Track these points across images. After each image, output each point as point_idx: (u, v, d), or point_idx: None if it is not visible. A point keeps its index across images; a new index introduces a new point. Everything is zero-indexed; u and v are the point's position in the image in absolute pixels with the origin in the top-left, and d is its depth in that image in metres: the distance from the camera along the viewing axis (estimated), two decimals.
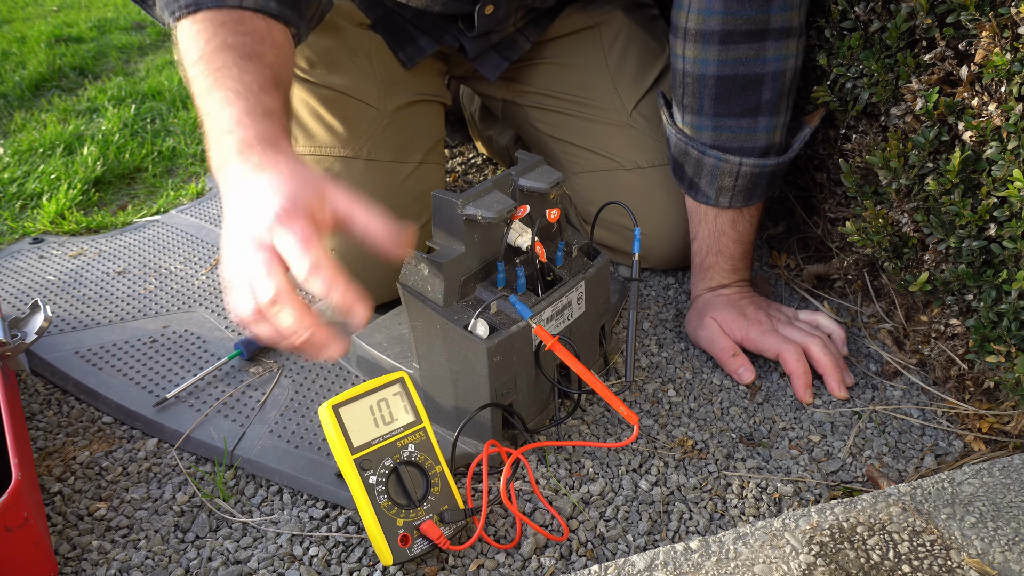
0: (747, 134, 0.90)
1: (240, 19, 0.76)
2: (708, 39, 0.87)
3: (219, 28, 0.75)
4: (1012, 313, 0.72)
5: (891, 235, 0.84)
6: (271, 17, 0.78)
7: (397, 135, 1.03)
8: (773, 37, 0.86)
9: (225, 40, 0.74)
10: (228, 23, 0.76)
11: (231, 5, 0.76)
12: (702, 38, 0.87)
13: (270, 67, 0.76)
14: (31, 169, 1.54)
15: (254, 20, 0.77)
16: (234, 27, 0.76)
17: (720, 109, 0.90)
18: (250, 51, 0.75)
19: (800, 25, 0.88)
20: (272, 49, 0.77)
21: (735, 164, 0.91)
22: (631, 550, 0.72)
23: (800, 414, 0.88)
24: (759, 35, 0.86)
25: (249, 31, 0.76)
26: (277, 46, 0.78)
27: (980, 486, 0.68)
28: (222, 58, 0.74)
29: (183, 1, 0.76)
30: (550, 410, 0.86)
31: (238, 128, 0.70)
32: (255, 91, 0.72)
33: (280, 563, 0.71)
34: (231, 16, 0.76)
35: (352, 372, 0.95)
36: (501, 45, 1.09)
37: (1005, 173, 0.68)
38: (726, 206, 0.94)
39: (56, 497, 0.78)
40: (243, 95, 0.72)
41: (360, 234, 0.66)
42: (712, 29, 0.86)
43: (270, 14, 0.78)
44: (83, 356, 0.96)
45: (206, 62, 0.74)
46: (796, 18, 0.87)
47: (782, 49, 0.87)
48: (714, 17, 0.85)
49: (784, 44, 0.87)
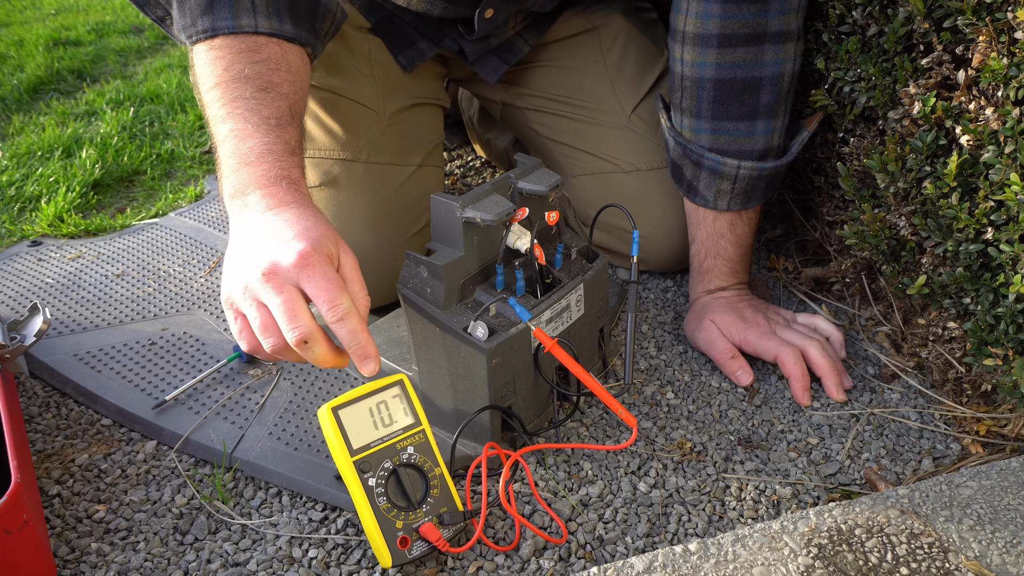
0: (745, 137, 0.91)
1: (256, 47, 0.77)
2: (706, 43, 0.87)
3: (236, 57, 0.76)
4: (1009, 316, 0.72)
5: (889, 238, 0.84)
6: (286, 40, 0.79)
7: (396, 138, 1.03)
8: (771, 41, 0.86)
9: (242, 71, 0.75)
10: (245, 52, 0.76)
11: (247, 31, 0.77)
12: (700, 42, 0.87)
13: (286, 98, 0.76)
14: (29, 172, 1.54)
15: (269, 47, 0.78)
16: (250, 56, 0.76)
17: (718, 112, 0.90)
18: (266, 82, 0.76)
19: (798, 29, 0.88)
20: (288, 76, 0.78)
21: (733, 167, 0.91)
22: (630, 552, 0.72)
23: (798, 417, 0.88)
24: (757, 39, 0.86)
25: (264, 59, 0.77)
26: (293, 71, 0.79)
27: (978, 489, 0.69)
28: (239, 89, 0.75)
29: (200, 26, 0.77)
30: (549, 412, 0.86)
31: (259, 163, 0.71)
32: (273, 125, 0.74)
33: (279, 565, 0.71)
34: (247, 44, 0.77)
35: (351, 374, 0.95)
36: (500, 48, 1.09)
37: (1002, 177, 0.68)
38: (724, 209, 0.95)
39: (55, 499, 0.78)
40: (263, 129, 0.73)
41: None
42: (710, 33, 0.86)
43: (285, 38, 0.79)
44: (82, 359, 0.96)
45: (222, 90, 0.75)
46: (794, 22, 0.87)
47: (780, 53, 0.87)
48: (712, 21, 0.86)
49: (782, 48, 0.87)
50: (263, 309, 0.65)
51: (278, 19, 0.78)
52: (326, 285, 0.63)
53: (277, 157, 0.72)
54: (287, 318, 0.63)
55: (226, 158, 0.73)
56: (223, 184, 0.74)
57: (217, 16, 0.76)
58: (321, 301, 0.63)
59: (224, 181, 0.73)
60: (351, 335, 0.64)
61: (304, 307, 0.64)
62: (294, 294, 0.63)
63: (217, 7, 0.76)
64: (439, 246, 0.78)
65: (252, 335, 0.67)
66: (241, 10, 0.77)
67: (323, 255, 0.65)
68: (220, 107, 0.75)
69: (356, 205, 0.99)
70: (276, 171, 0.71)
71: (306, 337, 0.63)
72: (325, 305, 0.63)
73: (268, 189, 0.70)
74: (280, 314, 0.63)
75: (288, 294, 0.63)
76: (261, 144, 0.72)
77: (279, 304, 0.63)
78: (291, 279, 0.64)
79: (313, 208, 0.71)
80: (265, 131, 0.73)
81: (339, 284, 0.64)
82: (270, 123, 0.74)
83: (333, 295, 0.63)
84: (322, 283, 0.63)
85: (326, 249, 0.66)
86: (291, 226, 0.67)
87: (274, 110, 0.75)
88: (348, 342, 0.65)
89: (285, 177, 0.72)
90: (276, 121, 0.74)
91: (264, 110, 0.74)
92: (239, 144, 0.73)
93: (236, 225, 0.71)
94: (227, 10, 0.76)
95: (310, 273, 0.64)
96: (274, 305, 0.64)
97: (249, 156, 0.72)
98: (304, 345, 0.64)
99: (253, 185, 0.71)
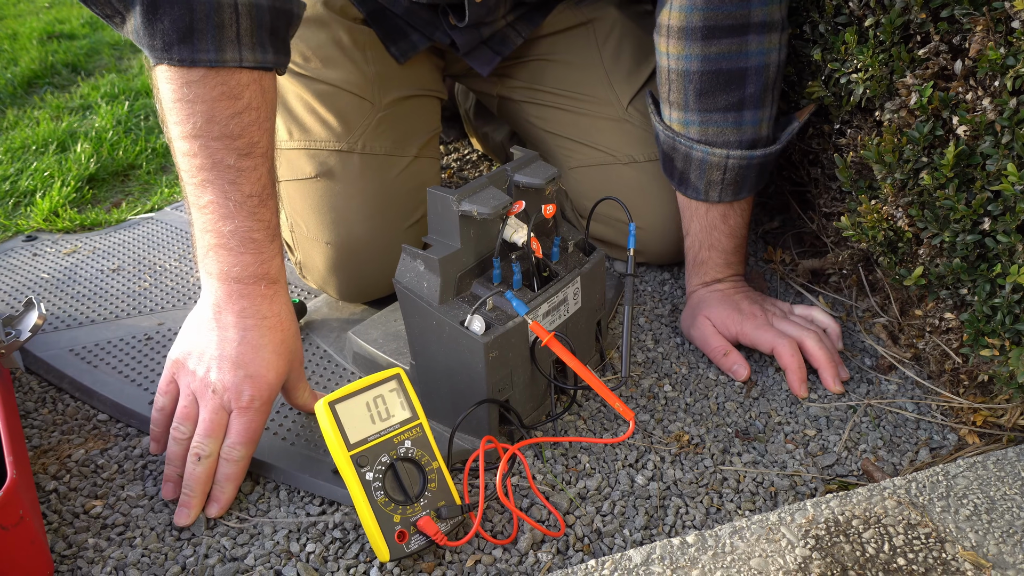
0: (733, 128, 0.91)
1: (236, 91, 0.72)
2: (691, 35, 0.87)
3: (214, 106, 0.71)
4: (1006, 307, 0.72)
5: (886, 230, 0.84)
6: (266, 71, 0.75)
7: (392, 129, 1.03)
8: (755, 31, 0.86)
9: (224, 129, 0.71)
10: (223, 99, 0.71)
11: (231, 65, 0.71)
12: (685, 35, 0.87)
13: (266, 158, 0.75)
14: (24, 166, 1.54)
15: (251, 88, 0.73)
16: (230, 105, 0.72)
17: (705, 104, 0.90)
18: (248, 144, 0.73)
19: (782, 19, 0.88)
20: (267, 124, 0.75)
21: (722, 157, 0.91)
22: (628, 545, 0.72)
23: (795, 408, 0.88)
24: (740, 30, 0.86)
25: (245, 107, 0.72)
26: (270, 109, 0.76)
27: (974, 479, 0.69)
28: (219, 152, 0.72)
29: (176, 55, 0.70)
30: (546, 406, 0.86)
31: (241, 253, 0.74)
32: (256, 205, 0.74)
33: (277, 560, 0.71)
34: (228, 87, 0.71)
35: (348, 369, 0.94)
36: (493, 40, 1.09)
37: (999, 167, 0.68)
38: (716, 200, 0.95)
39: (52, 495, 0.78)
40: (244, 211, 0.73)
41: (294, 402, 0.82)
42: (694, 25, 0.86)
43: (266, 68, 0.75)
44: (78, 354, 0.96)
45: (200, 147, 0.72)
46: (777, 12, 0.87)
47: (764, 43, 0.87)
48: (696, 13, 0.86)
49: (766, 38, 0.87)
50: (194, 405, 0.75)
51: (261, 49, 0.73)
52: (243, 427, 0.74)
53: (259, 249, 0.74)
54: (206, 428, 0.73)
55: (203, 232, 0.74)
56: (197, 251, 0.76)
57: (198, 47, 0.70)
58: (230, 435, 0.74)
59: (199, 251, 0.76)
60: (231, 478, 0.75)
61: (220, 432, 0.74)
62: (218, 415, 0.74)
63: (199, 36, 0.69)
64: (435, 239, 0.78)
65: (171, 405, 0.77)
66: (226, 42, 0.70)
67: (269, 403, 0.75)
68: (198, 168, 0.72)
69: (352, 196, 0.99)
70: (255, 268, 0.75)
71: (205, 454, 0.73)
72: (229, 439, 0.74)
73: (247, 288, 0.75)
74: (204, 422, 0.74)
75: (220, 417, 0.74)
76: (243, 229, 0.73)
77: (209, 415, 0.74)
78: (225, 398, 0.74)
79: (283, 316, 0.77)
80: (247, 214, 0.73)
81: (253, 434, 0.74)
82: (252, 203, 0.73)
83: (241, 439, 0.74)
84: (240, 424, 0.74)
85: (275, 392, 0.76)
86: (256, 352, 0.74)
87: (255, 184, 0.74)
88: (218, 483, 0.75)
89: (264, 277, 0.75)
90: (258, 199, 0.74)
91: (246, 186, 0.73)
92: (218, 223, 0.73)
93: (208, 303, 0.76)
94: (210, 41, 0.70)
95: (240, 409, 0.74)
96: (206, 412, 0.74)
97: (230, 242, 0.74)
98: (196, 457, 0.73)
99: (233, 280, 0.75)
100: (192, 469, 0.73)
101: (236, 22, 0.71)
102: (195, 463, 0.73)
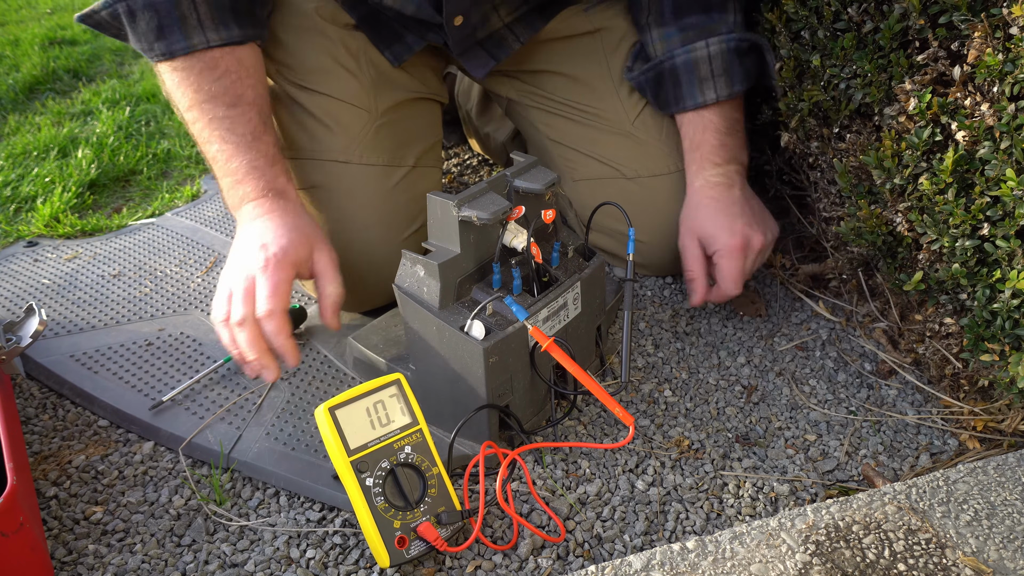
0: (705, 26, 1.00)
1: (213, 63, 0.87)
2: None
3: (199, 77, 0.87)
4: (1005, 312, 0.72)
5: (885, 234, 0.84)
6: (237, 45, 0.89)
7: (390, 137, 1.03)
8: None
9: (210, 90, 0.87)
10: (205, 71, 0.87)
11: (201, 48, 0.86)
12: None
13: (253, 105, 0.89)
14: (25, 172, 1.54)
15: (225, 58, 0.88)
16: (211, 74, 0.87)
17: (680, 11, 1.00)
18: (234, 97, 0.88)
19: None
20: (249, 81, 0.90)
21: (703, 48, 0.99)
22: (628, 550, 0.72)
23: (796, 414, 0.88)
24: None
25: (224, 72, 0.88)
26: (251, 71, 0.90)
27: (975, 484, 0.69)
28: (212, 109, 0.87)
29: (158, 50, 0.87)
30: (546, 411, 0.86)
31: (247, 180, 0.87)
32: (251, 141, 0.88)
33: (277, 566, 0.71)
34: (205, 61, 0.87)
35: (348, 374, 0.95)
36: (488, 42, 1.08)
37: (998, 172, 0.68)
38: (712, 100, 1.00)
39: (52, 501, 0.78)
40: (243, 147, 0.87)
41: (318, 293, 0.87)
42: None
43: (235, 43, 0.88)
44: (78, 360, 0.96)
45: (198, 112, 0.88)
46: None
47: None
48: None
49: None
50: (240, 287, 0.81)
51: (225, 28, 0.87)
52: (266, 286, 0.80)
53: (261, 172, 0.88)
54: (237, 299, 0.81)
55: (221, 177, 0.90)
56: (225, 197, 0.91)
57: (171, 40, 0.86)
58: (257, 299, 0.80)
59: (225, 195, 0.91)
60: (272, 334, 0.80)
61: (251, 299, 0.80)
62: (248, 287, 0.81)
63: (168, 31, 0.85)
64: (435, 245, 0.78)
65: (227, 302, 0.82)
66: (190, 29, 0.86)
67: (283, 262, 0.81)
68: (201, 128, 0.88)
69: (351, 207, 0.99)
70: (262, 185, 0.87)
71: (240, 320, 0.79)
72: (258, 301, 0.80)
73: (257, 201, 0.87)
74: (235, 297, 0.81)
75: (245, 285, 0.81)
76: (246, 163, 0.87)
77: (236, 291, 0.81)
78: (251, 276, 0.81)
79: (292, 213, 0.87)
80: (245, 148, 0.87)
81: (277, 289, 0.80)
82: (247, 140, 0.88)
83: (266, 296, 0.79)
84: (263, 285, 0.80)
85: (291, 255, 0.82)
86: (267, 233, 0.84)
87: (247, 124, 0.88)
88: (269, 339, 0.80)
89: (271, 189, 0.88)
90: (252, 136, 0.88)
91: (239, 127, 0.87)
92: (227, 164, 0.88)
93: (238, 231, 0.89)
94: (178, 32, 0.85)
95: (261, 275, 0.81)
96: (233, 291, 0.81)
97: (238, 174, 0.88)
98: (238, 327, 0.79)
99: (246, 199, 0.88)
100: (240, 337, 0.80)
101: (195, 10, 0.85)
102: (239, 331, 0.80)
